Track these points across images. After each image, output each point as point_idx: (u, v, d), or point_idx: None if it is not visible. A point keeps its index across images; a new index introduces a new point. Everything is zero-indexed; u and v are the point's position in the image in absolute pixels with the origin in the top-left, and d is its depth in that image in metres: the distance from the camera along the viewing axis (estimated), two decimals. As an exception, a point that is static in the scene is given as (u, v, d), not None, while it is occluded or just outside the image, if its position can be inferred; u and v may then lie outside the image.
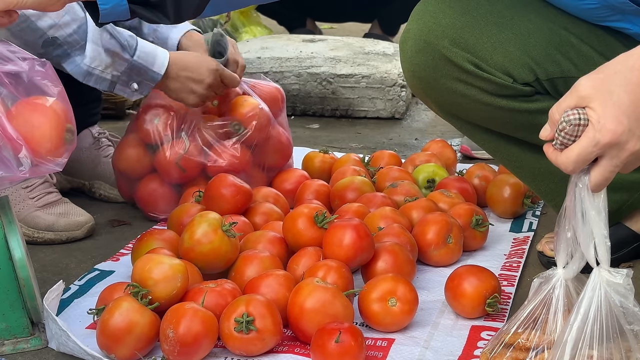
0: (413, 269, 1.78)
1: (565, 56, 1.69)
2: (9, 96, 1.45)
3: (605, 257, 1.27)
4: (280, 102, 2.35)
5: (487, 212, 2.15)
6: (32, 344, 1.60)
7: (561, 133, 1.23)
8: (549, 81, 1.70)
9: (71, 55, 1.96)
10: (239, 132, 2.20)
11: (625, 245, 1.88)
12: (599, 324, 1.25)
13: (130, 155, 2.22)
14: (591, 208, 1.25)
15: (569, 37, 1.69)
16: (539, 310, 1.35)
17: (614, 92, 1.21)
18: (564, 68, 1.69)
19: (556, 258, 1.34)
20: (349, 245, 1.71)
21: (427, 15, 1.71)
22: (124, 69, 2.01)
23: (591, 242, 1.26)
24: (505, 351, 1.37)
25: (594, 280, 1.27)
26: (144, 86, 2.06)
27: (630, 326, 1.26)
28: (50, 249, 2.04)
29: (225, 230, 1.71)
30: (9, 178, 1.43)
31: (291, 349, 1.57)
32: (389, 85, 3.16)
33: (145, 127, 2.18)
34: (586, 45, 1.70)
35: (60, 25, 1.92)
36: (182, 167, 2.15)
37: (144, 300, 1.54)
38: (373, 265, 1.75)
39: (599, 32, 1.71)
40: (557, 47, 1.69)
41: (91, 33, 1.96)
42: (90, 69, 1.97)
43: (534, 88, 1.70)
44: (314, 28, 4.34)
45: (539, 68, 1.68)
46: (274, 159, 2.30)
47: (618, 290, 1.26)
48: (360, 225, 1.74)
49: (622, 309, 1.26)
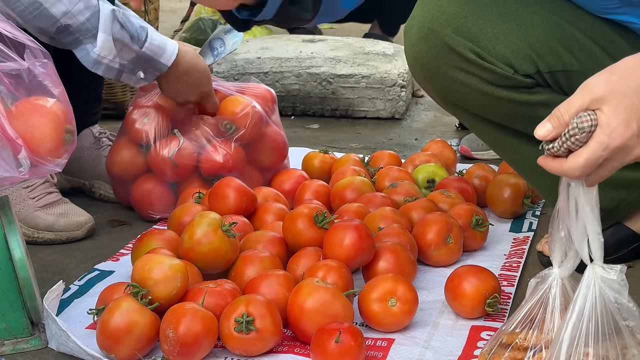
0: (414, 269, 1.78)
1: (567, 49, 1.69)
2: (9, 96, 1.45)
3: (599, 254, 1.27)
4: (271, 102, 2.34)
5: (487, 212, 2.15)
6: (32, 344, 1.60)
7: (570, 139, 1.21)
8: (550, 74, 1.70)
9: (83, 43, 1.96)
10: (231, 131, 2.19)
11: (625, 246, 1.88)
12: (594, 321, 1.25)
13: (123, 158, 2.21)
14: (586, 204, 1.25)
15: (572, 31, 1.69)
16: (536, 310, 1.35)
17: (627, 95, 1.20)
18: (566, 61, 1.69)
19: (551, 258, 1.34)
20: (349, 245, 1.71)
21: (432, 2, 1.71)
22: (131, 58, 2.01)
23: (585, 239, 1.26)
24: (503, 351, 1.37)
25: (588, 277, 1.27)
26: (149, 75, 2.06)
27: (626, 322, 1.26)
28: (50, 249, 2.04)
29: (225, 230, 1.71)
30: (9, 179, 1.43)
31: (291, 349, 1.57)
32: (389, 86, 3.16)
33: (135, 128, 2.18)
34: (589, 40, 1.70)
35: (73, 13, 1.92)
36: (176, 163, 2.14)
37: (144, 301, 1.54)
38: (374, 265, 1.75)
39: (603, 27, 1.71)
40: (560, 40, 1.69)
41: (103, 22, 1.95)
42: (100, 58, 1.97)
43: (534, 80, 1.70)
44: (313, 28, 4.34)
45: (540, 60, 1.68)
46: (270, 158, 2.30)
47: (612, 287, 1.26)
48: (361, 225, 1.74)
49: (617, 305, 1.26)
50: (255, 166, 2.27)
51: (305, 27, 4.22)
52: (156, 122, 2.17)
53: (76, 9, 1.92)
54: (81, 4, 1.92)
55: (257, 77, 3.17)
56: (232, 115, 2.21)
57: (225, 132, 2.19)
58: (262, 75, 3.20)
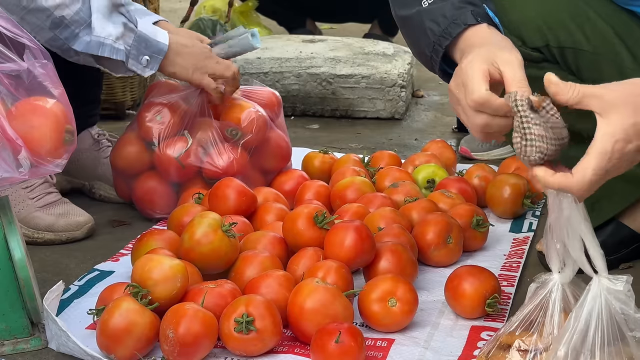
0: (415, 269, 1.78)
1: (579, 27, 1.68)
2: (9, 97, 1.45)
3: (603, 266, 1.27)
4: (277, 106, 2.35)
5: (487, 213, 2.15)
6: (32, 344, 1.60)
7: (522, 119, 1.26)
8: (559, 49, 1.69)
9: (79, 35, 1.96)
10: (236, 137, 2.20)
11: (626, 246, 1.88)
12: (600, 332, 1.25)
13: (129, 153, 2.22)
14: (581, 220, 1.26)
15: (587, 10, 1.68)
16: (536, 313, 1.35)
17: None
18: (576, 39, 1.68)
19: (550, 265, 1.34)
20: (350, 246, 1.71)
21: None
22: (132, 40, 2.01)
23: (582, 252, 1.27)
24: (501, 353, 1.37)
25: (595, 289, 1.27)
26: (153, 60, 2.06)
27: (632, 332, 1.25)
28: (50, 250, 2.04)
29: (225, 230, 1.71)
30: (9, 179, 1.43)
31: (291, 349, 1.57)
32: (389, 86, 3.16)
33: (146, 124, 2.18)
34: (604, 22, 1.68)
35: (66, 4, 1.93)
36: (182, 164, 2.14)
37: (144, 301, 1.54)
38: (375, 265, 1.75)
39: (620, 14, 1.69)
40: (572, 17, 1.68)
41: (96, 6, 1.96)
42: (101, 39, 1.98)
43: (543, 55, 1.69)
44: (313, 28, 4.34)
45: (551, 34, 1.68)
46: (273, 162, 2.30)
47: (619, 297, 1.26)
48: (362, 226, 1.74)
49: (624, 316, 1.26)
50: (258, 169, 2.27)
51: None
52: (168, 121, 2.17)
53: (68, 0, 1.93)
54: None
55: (257, 77, 3.17)
56: (237, 121, 2.21)
57: (232, 138, 2.20)
58: (262, 75, 3.20)
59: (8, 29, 1.46)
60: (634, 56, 1.65)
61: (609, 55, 1.67)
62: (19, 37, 1.47)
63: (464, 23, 1.43)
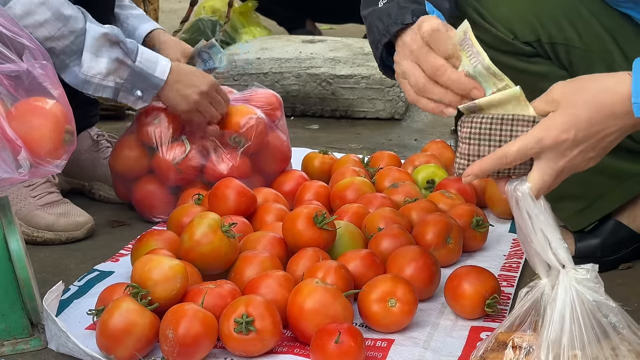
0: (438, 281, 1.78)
1: (571, 24, 1.68)
2: (9, 97, 1.45)
3: (567, 257, 1.31)
4: (278, 108, 2.35)
5: (487, 213, 2.15)
6: (32, 344, 1.60)
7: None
8: (550, 45, 1.69)
9: (70, 66, 1.96)
10: (240, 145, 2.20)
11: (625, 246, 1.88)
12: (577, 323, 1.27)
13: (128, 157, 2.22)
14: (539, 214, 1.31)
15: (579, 8, 1.68)
16: (528, 315, 1.35)
17: (576, 104, 1.28)
18: (568, 36, 1.68)
19: (536, 271, 1.35)
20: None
21: None
22: (127, 75, 2.01)
23: (548, 248, 1.30)
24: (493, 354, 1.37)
25: (564, 281, 1.30)
26: (147, 93, 2.06)
27: (607, 319, 1.28)
28: (50, 250, 2.04)
29: (225, 231, 1.71)
30: (9, 179, 1.43)
31: (291, 350, 1.57)
32: (389, 86, 3.16)
33: (145, 129, 2.18)
34: (595, 20, 1.68)
35: (57, 37, 1.93)
36: (180, 169, 2.15)
37: (144, 301, 1.54)
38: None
39: (612, 12, 1.69)
40: (565, 13, 1.68)
41: (89, 43, 1.96)
42: (87, 77, 1.98)
43: (534, 49, 1.70)
44: (313, 29, 4.34)
45: (542, 29, 1.68)
46: (273, 165, 2.30)
47: (588, 286, 1.29)
48: (369, 255, 1.75)
49: (596, 303, 1.29)
50: (259, 172, 2.27)
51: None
52: (166, 126, 2.17)
53: (59, 33, 1.93)
54: (65, 29, 1.93)
55: (257, 77, 3.18)
56: (237, 127, 2.20)
57: (236, 146, 2.19)
58: (262, 75, 3.20)
59: (7, 28, 1.46)
60: (624, 55, 1.66)
61: (600, 52, 1.68)
62: (19, 37, 1.47)
63: (402, 22, 1.46)
